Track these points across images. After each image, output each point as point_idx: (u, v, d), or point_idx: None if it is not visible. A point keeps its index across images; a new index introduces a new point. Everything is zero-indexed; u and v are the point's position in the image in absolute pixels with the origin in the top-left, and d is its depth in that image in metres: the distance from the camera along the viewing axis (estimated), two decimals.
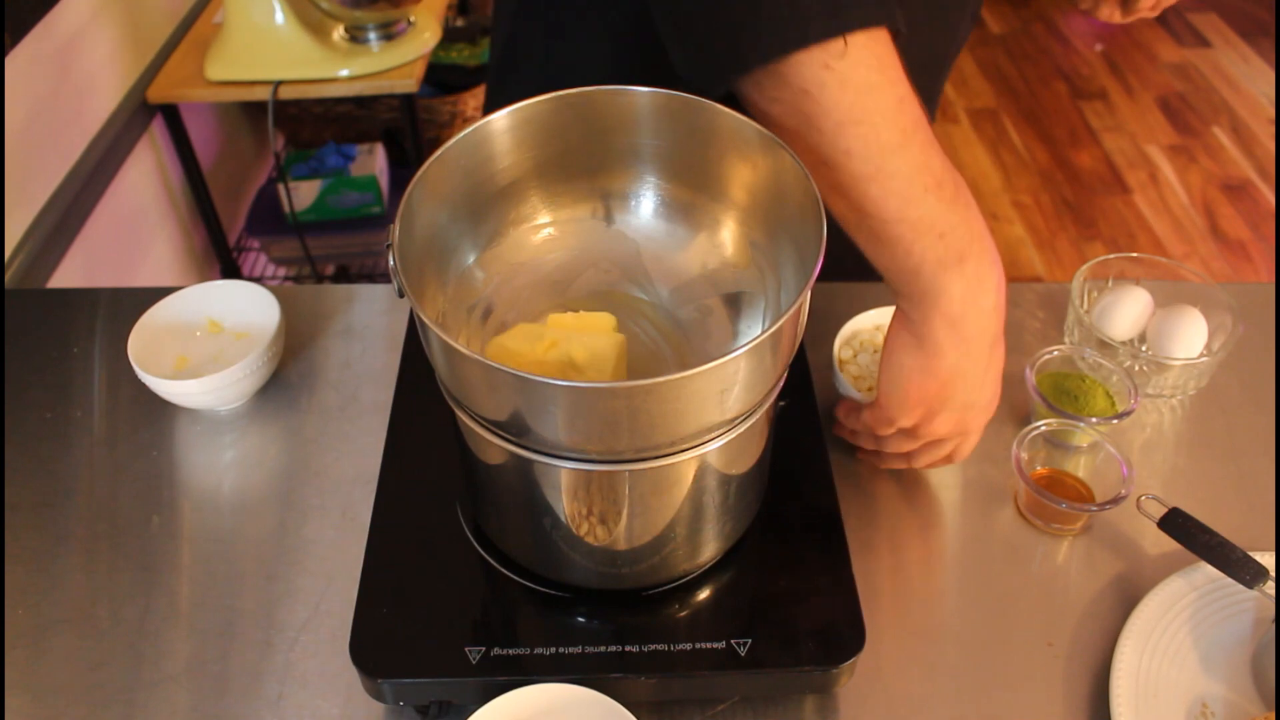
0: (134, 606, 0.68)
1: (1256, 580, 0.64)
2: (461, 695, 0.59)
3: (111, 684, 0.64)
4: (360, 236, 1.97)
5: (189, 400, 0.78)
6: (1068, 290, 0.86)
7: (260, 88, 1.63)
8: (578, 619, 0.61)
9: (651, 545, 0.59)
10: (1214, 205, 2.52)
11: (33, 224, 1.32)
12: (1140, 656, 0.63)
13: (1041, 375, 0.78)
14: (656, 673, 0.58)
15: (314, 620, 0.67)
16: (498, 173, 0.61)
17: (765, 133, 0.56)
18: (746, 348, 0.47)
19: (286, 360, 0.85)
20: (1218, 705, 0.62)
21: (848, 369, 0.78)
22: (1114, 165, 2.67)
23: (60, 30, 1.40)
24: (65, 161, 1.42)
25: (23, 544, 0.72)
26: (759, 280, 0.62)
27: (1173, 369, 0.80)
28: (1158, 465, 0.77)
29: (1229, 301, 0.82)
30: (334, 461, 0.77)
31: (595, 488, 0.55)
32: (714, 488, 0.58)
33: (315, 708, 0.63)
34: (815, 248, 0.51)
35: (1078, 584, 0.69)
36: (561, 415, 0.49)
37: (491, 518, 0.63)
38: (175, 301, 0.82)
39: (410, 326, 0.80)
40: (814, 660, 0.58)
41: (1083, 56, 3.14)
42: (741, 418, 0.54)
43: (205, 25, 1.79)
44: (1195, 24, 3.27)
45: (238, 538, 0.72)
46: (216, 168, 1.94)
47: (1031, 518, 0.73)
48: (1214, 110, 2.86)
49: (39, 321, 0.89)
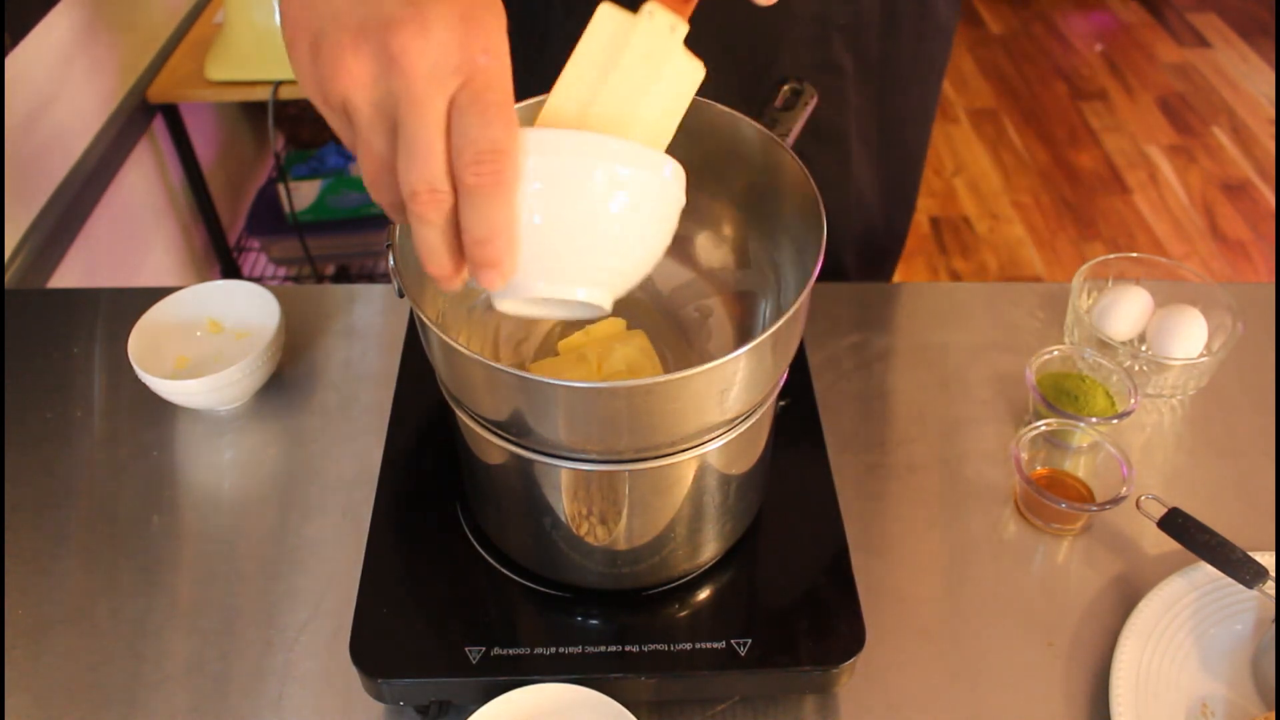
0: (134, 606, 0.68)
1: (1256, 580, 0.64)
2: (461, 695, 0.59)
3: (111, 684, 0.64)
4: (360, 236, 1.97)
5: (189, 400, 0.78)
6: (1068, 290, 0.86)
7: (260, 88, 1.63)
8: (578, 619, 0.61)
9: (651, 545, 0.59)
10: (1214, 205, 2.52)
11: (33, 224, 1.32)
12: (1140, 656, 0.63)
13: (1041, 375, 0.78)
14: (656, 673, 0.58)
15: (314, 620, 0.67)
16: None
17: (765, 132, 0.56)
18: (747, 348, 0.47)
19: (286, 360, 0.85)
20: (1218, 705, 0.62)
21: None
22: (1114, 165, 2.67)
23: (60, 30, 1.40)
24: (65, 161, 1.42)
25: (23, 544, 0.72)
26: (759, 280, 0.62)
27: (1173, 369, 0.80)
28: (1158, 465, 0.77)
29: (1229, 301, 0.82)
30: (334, 461, 0.77)
31: (595, 488, 0.55)
32: (714, 488, 0.58)
33: (315, 708, 0.63)
34: (815, 248, 0.51)
35: (1078, 584, 0.69)
36: (561, 415, 0.49)
37: (491, 518, 0.63)
38: (175, 301, 0.82)
39: (410, 326, 0.80)
40: (814, 660, 0.58)
41: (1083, 57, 3.14)
42: (741, 418, 0.54)
43: (205, 25, 1.79)
44: (1195, 24, 3.27)
45: (238, 538, 0.72)
46: (216, 168, 1.94)
47: (1031, 518, 0.73)
48: (1214, 110, 2.86)
49: (39, 321, 0.89)
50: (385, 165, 0.41)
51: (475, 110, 0.39)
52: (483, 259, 0.41)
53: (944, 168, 2.69)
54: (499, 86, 0.39)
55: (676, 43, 0.45)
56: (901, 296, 0.92)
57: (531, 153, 0.41)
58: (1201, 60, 3.09)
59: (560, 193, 0.41)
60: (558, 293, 0.43)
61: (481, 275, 0.41)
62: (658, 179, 0.43)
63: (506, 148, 0.39)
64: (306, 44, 0.40)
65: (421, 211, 0.40)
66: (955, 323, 0.88)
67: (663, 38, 0.44)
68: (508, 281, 0.42)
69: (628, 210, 0.42)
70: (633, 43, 0.44)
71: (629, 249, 0.44)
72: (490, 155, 0.39)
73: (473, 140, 0.39)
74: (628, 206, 0.42)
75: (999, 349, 0.86)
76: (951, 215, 2.53)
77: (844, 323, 0.88)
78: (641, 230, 0.44)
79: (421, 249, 0.41)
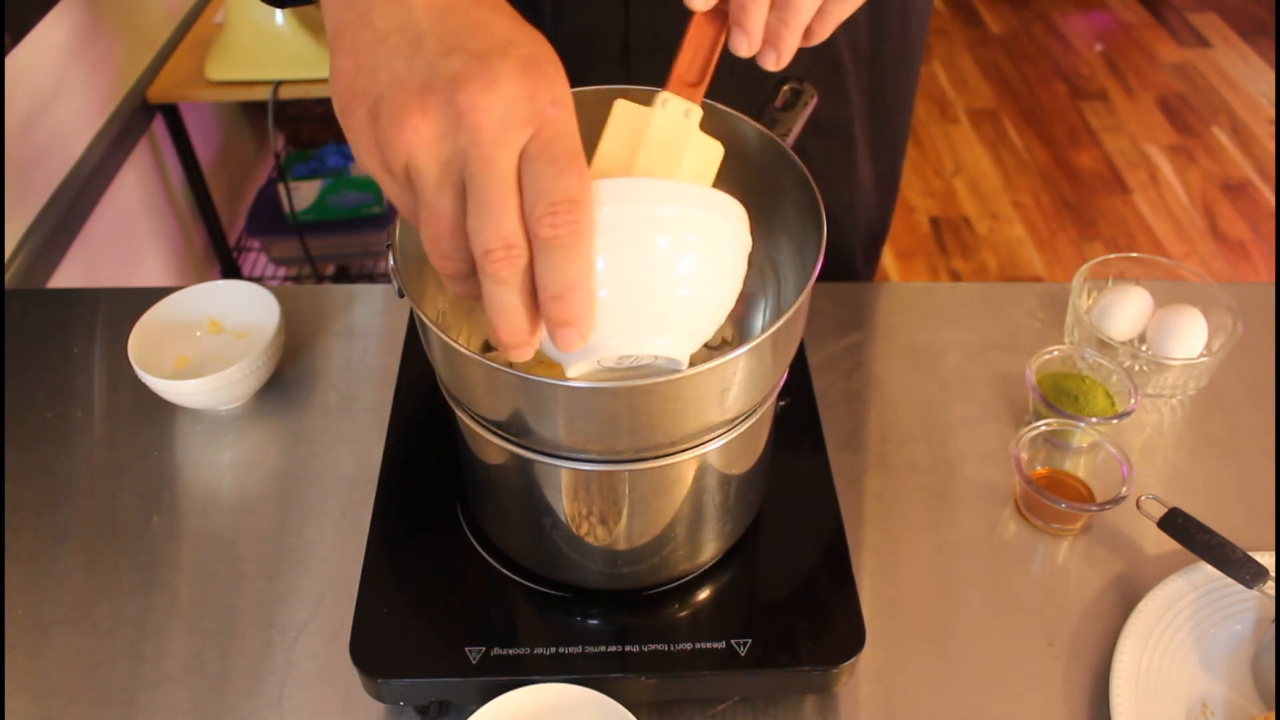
0: (134, 606, 0.68)
1: (1256, 580, 0.64)
2: (461, 695, 0.59)
3: (111, 684, 0.64)
4: (360, 236, 1.97)
5: (189, 400, 0.78)
6: (1068, 290, 0.86)
7: (260, 88, 1.63)
8: (578, 619, 0.61)
9: (651, 545, 0.59)
10: (1214, 205, 2.52)
11: (33, 224, 1.32)
12: (1140, 656, 0.63)
13: (1041, 375, 0.78)
14: (656, 673, 0.58)
15: (314, 620, 0.67)
16: None
17: (765, 133, 0.56)
18: (746, 348, 0.47)
19: (286, 360, 0.85)
20: (1218, 705, 0.62)
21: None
22: (1114, 165, 2.67)
23: (60, 30, 1.40)
24: (65, 161, 1.42)
25: (23, 544, 0.72)
26: (759, 280, 0.62)
27: (1173, 369, 0.80)
28: (1158, 465, 0.77)
29: (1229, 301, 0.82)
30: (334, 461, 0.77)
31: (595, 488, 0.55)
32: (714, 488, 0.58)
33: (315, 708, 0.63)
34: (815, 248, 0.51)
35: (1078, 584, 0.69)
36: (561, 415, 0.49)
37: (491, 518, 0.63)
38: (175, 301, 0.82)
39: (410, 326, 0.80)
40: (814, 660, 0.58)
41: (1082, 56, 3.14)
42: (742, 418, 0.54)
43: (205, 25, 1.79)
44: (1195, 24, 3.27)
45: (238, 538, 0.72)
46: (216, 168, 1.94)
47: (1031, 518, 0.73)
48: (1214, 110, 2.86)
49: (39, 321, 0.89)
50: (452, 227, 0.39)
51: (545, 160, 0.38)
52: (560, 316, 0.39)
53: (944, 168, 2.69)
54: (568, 135, 0.39)
55: (692, 126, 0.45)
56: (902, 297, 0.92)
57: (604, 203, 0.40)
58: (1201, 60, 3.09)
59: (634, 243, 0.40)
60: (636, 348, 0.42)
61: (560, 335, 0.39)
62: (729, 224, 0.43)
63: (581, 197, 0.38)
64: (365, 110, 0.39)
65: (496, 270, 0.38)
66: (955, 323, 0.88)
67: (678, 124, 0.45)
68: (587, 340, 0.40)
69: (701, 257, 0.41)
70: (650, 134, 0.45)
71: (704, 297, 0.43)
72: (566, 206, 0.37)
73: (546, 191, 0.37)
74: (702, 253, 0.41)
75: (999, 349, 0.86)
76: (951, 215, 2.53)
77: (844, 323, 0.88)
78: (715, 276, 0.43)
79: (496, 313, 0.39)
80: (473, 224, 0.38)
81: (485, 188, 0.38)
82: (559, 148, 0.38)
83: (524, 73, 0.38)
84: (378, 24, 0.40)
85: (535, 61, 0.39)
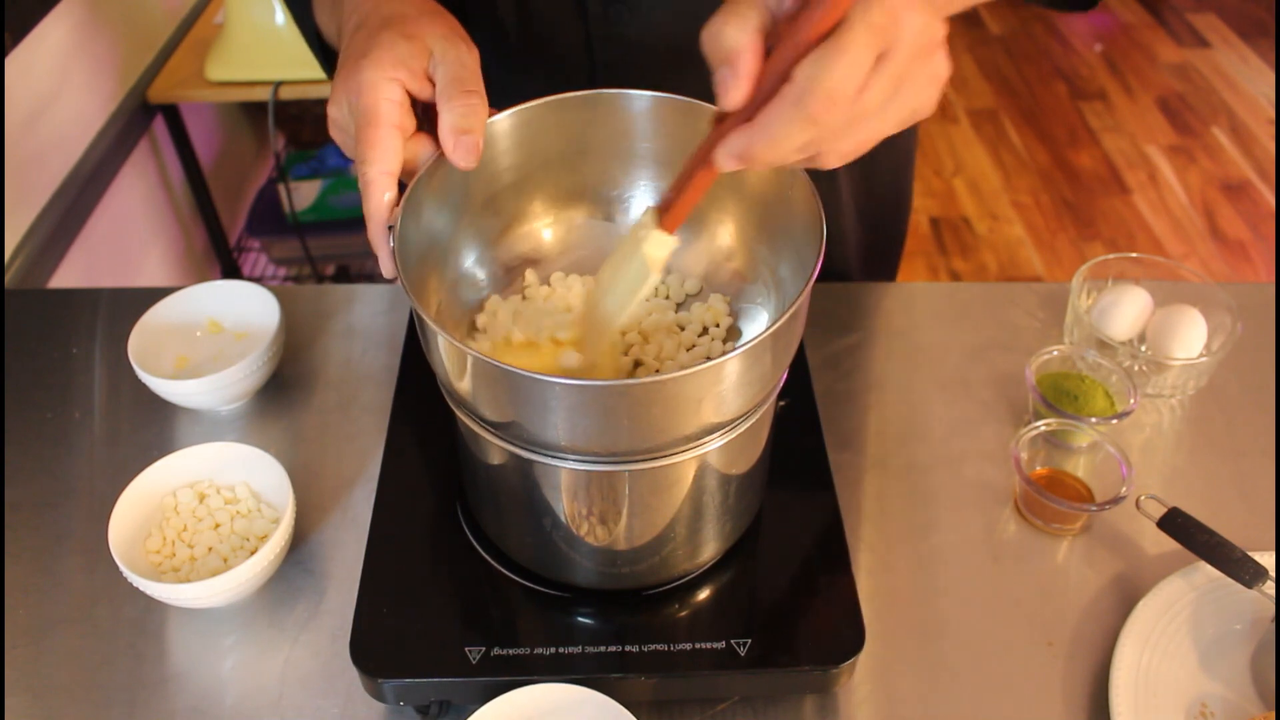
0: (134, 606, 0.68)
1: (1256, 580, 0.64)
2: (461, 695, 0.59)
3: (112, 683, 0.64)
4: (360, 237, 1.94)
5: (189, 400, 0.78)
6: (1067, 290, 0.86)
7: (261, 88, 1.63)
8: (578, 619, 0.61)
9: (651, 545, 0.59)
10: (1213, 205, 2.52)
11: (33, 224, 1.32)
12: (1140, 656, 0.63)
13: (1041, 375, 0.78)
14: (656, 673, 0.58)
15: (314, 620, 0.67)
16: (498, 173, 0.61)
17: None
18: (746, 348, 0.47)
19: (286, 360, 0.85)
20: (1217, 705, 0.62)
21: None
22: (1113, 165, 2.67)
23: (60, 30, 1.40)
24: (65, 161, 1.42)
25: (23, 544, 0.72)
26: (759, 280, 0.62)
27: (1172, 369, 0.80)
28: (1158, 465, 0.78)
29: (1229, 301, 0.82)
30: (334, 461, 0.77)
31: (595, 488, 0.55)
32: (714, 488, 0.58)
33: (315, 708, 0.63)
34: (815, 248, 0.52)
35: (1078, 584, 0.69)
36: (561, 415, 0.49)
37: (491, 518, 0.63)
38: (175, 301, 0.82)
39: (410, 326, 0.80)
40: (814, 660, 0.59)
41: (1082, 57, 3.14)
42: (742, 418, 0.54)
43: (205, 25, 1.79)
44: (1195, 24, 3.27)
45: None
46: (217, 168, 1.94)
47: (1031, 518, 0.73)
48: (1213, 111, 2.86)
49: (39, 321, 0.89)
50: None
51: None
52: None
53: (944, 168, 2.69)
54: (364, 111, 0.56)
55: (639, 243, 0.52)
56: (901, 296, 0.92)
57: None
58: (1201, 60, 3.09)
59: None
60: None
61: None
62: None
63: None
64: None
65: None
66: (955, 323, 0.88)
67: (634, 239, 0.52)
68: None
69: None
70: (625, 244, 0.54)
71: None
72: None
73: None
74: None
75: (999, 349, 0.86)
76: (951, 215, 2.53)
77: (844, 323, 0.88)
78: None
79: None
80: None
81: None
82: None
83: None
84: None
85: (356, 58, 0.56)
